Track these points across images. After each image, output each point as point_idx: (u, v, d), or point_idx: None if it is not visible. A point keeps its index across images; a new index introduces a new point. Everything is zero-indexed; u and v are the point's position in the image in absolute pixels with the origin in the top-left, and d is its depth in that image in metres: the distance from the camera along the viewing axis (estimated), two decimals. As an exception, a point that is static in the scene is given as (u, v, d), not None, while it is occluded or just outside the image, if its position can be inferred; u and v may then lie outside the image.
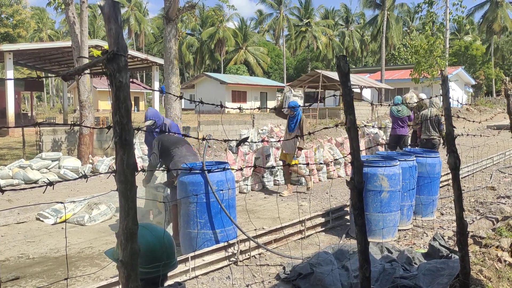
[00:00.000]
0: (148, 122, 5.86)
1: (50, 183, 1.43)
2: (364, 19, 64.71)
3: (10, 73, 17.40)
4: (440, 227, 5.73)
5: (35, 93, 36.41)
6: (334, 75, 28.12)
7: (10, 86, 17.77)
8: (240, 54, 57.97)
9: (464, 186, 8.04)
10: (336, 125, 3.13)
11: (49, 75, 24.36)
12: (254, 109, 2.46)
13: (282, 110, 8.09)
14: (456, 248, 3.28)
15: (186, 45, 58.56)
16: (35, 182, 8.97)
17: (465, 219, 3.10)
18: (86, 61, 10.77)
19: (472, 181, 8.61)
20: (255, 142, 4.91)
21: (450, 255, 4.00)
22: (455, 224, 3.35)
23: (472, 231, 4.52)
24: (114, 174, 1.46)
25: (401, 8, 53.77)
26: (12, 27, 23.50)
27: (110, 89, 1.44)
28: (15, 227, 5.96)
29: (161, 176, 5.92)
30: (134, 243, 1.41)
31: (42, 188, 1.49)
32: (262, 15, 63.67)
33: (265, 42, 65.67)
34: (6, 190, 1.34)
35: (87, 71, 1.58)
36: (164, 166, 6.21)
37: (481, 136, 6.30)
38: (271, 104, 42.92)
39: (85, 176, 1.51)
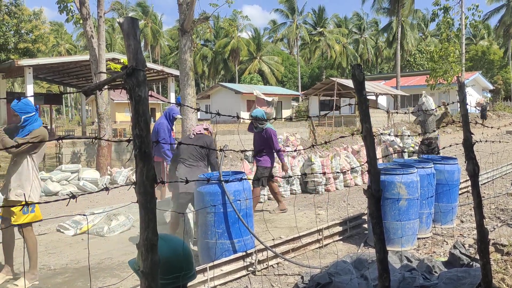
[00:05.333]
0: None
1: (73, 196, 1.47)
2: (377, 27, 64.50)
3: (30, 87, 17.77)
4: (460, 235, 5.64)
5: (54, 106, 37.13)
6: (349, 83, 28.05)
7: (30, 101, 18.13)
8: (255, 63, 58.23)
9: (484, 193, 7.92)
10: (352, 134, 3.13)
11: (71, 90, 24.81)
12: (270, 119, 2.48)
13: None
14: (477, 256, 3.23)
15: (200, 56, 59.09)
16: (56, 194, 9.12)
17: (485, 226, 3.05)
18: (105, 75, 10.96)
19: (492, 187, 8.47)
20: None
21: (471, 264, 3.94)
22: (475, 231, 3.31)
23: (493, 239, 4.45)
24: (134, 186, 1.49)
25: (415, 14, 53.51)
26: (32, 42, 24.02)
27: (129, 103, 1.48)
28: (36, 239, 6.05)
29: None
30: (154, 254, 1.44)
31: (62, 199, 1.52)
32: (276, 25, 63.95)
33: (279, 51, 65.87)
34: (31, 203, 1.37)
35: (107, 86, 1.63)
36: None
37: (500, 142, 6.22)
38: (286, 113, 42.94)
39: (106, 189, 1.54)
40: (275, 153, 6.75)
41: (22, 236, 4.25)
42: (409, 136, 12.50)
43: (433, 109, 8.32)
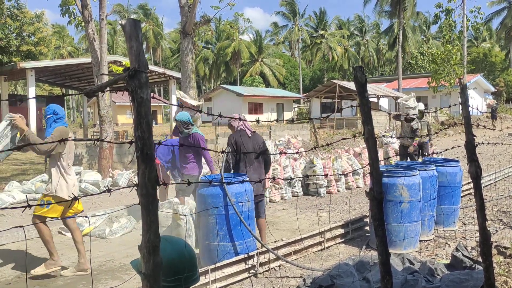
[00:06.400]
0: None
1: (75, 198, 1.47)
2: (378, 29, 64.47)
3: (32, 90, 17.79)
4: (463, 237, 5.63)
5: (56, 108, 37.23)
6: (351, 85, 28.04)
7: (32, 103, 18.18)
8: (256, 66, 58.26)
9: (487, 195, 7.90)
10: (354, 136, 3.13)
11: (73, 92, 24.84)
12: (272, 121, 2.48)
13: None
14: (480, 259, 3.22)
15: (202, 58, 59.16)
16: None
17: (488, 229, 3.04)
18: (106, 77, 10.97)
19: (494, 190, 8.45)
20: (273, 154, 4.92)
21: (473, 266, 3.92)
22: (478, 234, 3.30)
23: (496, 241, 4.43)
24: (136, 188, 1.49)
25: (417, 16, 53.55)
26: (34, 45, 24.03)
27: (131, 105, 1.48)
28: (38, 241, 6.04)
29: None
30: (156, 256, 1.43)
31: (64, 201, 1.52)
32: (277, 27, 64.01)
33: (280, 53, 65.88)
34: (33, 205, 1.37)
35: (109, 88, 1.63)
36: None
37: (502, 144, 6.21)
38: (288, 115, 42.95)
39: (108, 191, 1.54)
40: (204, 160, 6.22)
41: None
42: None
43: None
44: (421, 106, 9.05)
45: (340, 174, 4.56)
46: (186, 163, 6.07)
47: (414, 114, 8.52)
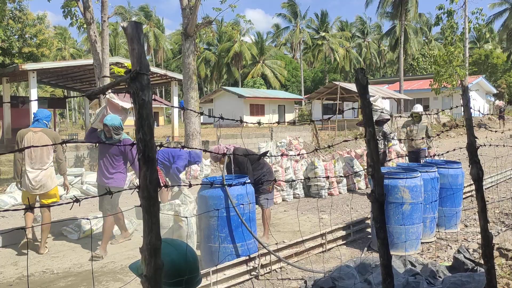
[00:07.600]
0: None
1: (77, 200, 1.47)
2: (379, 31, 64.45)
3: (34, 91, 17.81)
4: (465, 239, 5.62)
5: (58, 110, 37.27)
6: (352, 87, 28.03)
7: (34, 104, 18.20)
8: (257, 67, 58.29)
9: (488, 197, 7.89)
10: (356, 138, 3.12)
11: (75, 94, 24.89)
12: (273, 123, 2.48)
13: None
14: (482, 261, 3.22)
15: (203, 59, 59.23)
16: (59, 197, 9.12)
17: (490, 231, 3.04)
18: (108, 79, 10.98)
19: (496, 191, 8.43)
20: (274, 156, 4.93)
21: (475, 268, 3.91)
22: (479, 236, 3.29)
23: (497, 243, 4.42)
24: (137, 190, 1.49)
25: (419, 18, 53.46)
26: (36, 47, 24.09)
27: (133, 107, 1.48)
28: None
29: None
30: (157, 258, 1.43)
31: (66, 203, 1.53)
32: (279, 29, 64.08)
33: (282, 55, 65.92)
34: (35, 207, 1.38)
35: (110, 90, 1.63)
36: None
37: (504, 146, 6.19)
38: (289, 116, 42.95)
39: (110, 193, 1.54)
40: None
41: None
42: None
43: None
44: (419, 108, 8.81)
45: (341, 176, 4.56)
46: (112, 173, 5.37)
47: (386, 118, 8.26)
